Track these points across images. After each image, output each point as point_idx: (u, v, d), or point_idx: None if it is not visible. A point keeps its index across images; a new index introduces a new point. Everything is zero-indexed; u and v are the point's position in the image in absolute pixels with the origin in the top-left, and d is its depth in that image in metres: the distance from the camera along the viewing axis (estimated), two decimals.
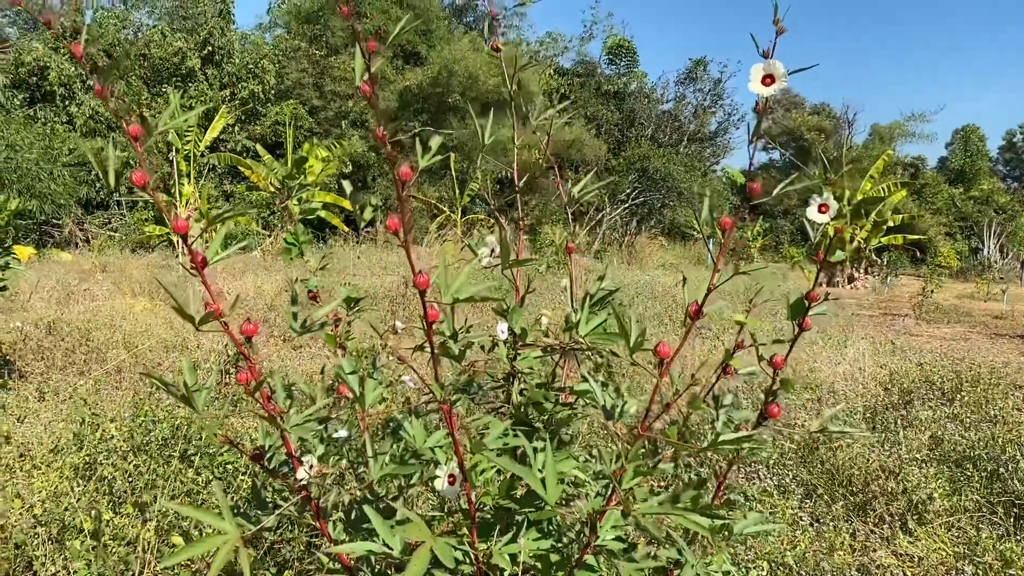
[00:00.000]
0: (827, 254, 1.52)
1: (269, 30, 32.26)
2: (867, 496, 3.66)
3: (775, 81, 1.28)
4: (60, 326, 7.05)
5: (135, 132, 1.47)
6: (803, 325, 1.58)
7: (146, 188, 1.43)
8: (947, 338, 10.49)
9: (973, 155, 41.83)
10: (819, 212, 1.44)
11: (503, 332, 1.73)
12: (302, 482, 1.63)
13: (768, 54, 1.29)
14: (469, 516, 1.52)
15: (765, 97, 1.30)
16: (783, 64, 1.28)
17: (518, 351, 1.79)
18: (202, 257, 1.50)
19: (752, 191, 1.35)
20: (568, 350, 1.66)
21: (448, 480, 1.49)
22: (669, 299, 10.58)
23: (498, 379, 1.84)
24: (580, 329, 1.55)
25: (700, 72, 35.60)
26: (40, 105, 21.91)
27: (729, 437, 1.45)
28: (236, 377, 1.47)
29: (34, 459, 3.65)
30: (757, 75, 1.29)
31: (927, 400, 5.11)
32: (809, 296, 1.54)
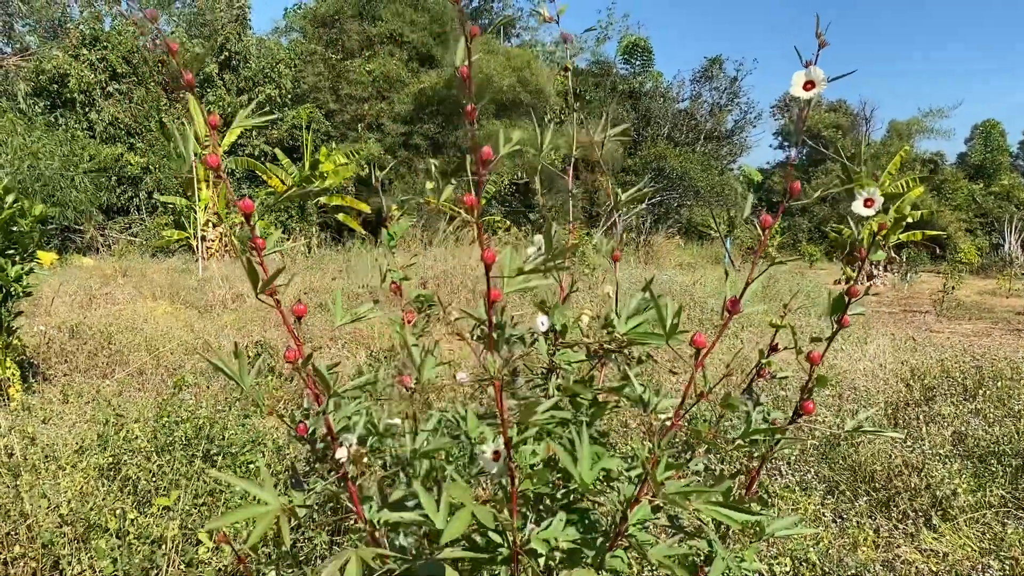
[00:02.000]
0: (869, 251, 1.52)
1: (285, 34, 32.48)
2: (890, 492, 3.63)
3: (815, 86, 1.34)
4: (82, 329, 7.12)
5: (214, 122, 1.57)
6: (842, 322, 1.57)
7: (219, 170, 1.53)
8: (968, 334, 10.39)
9: (994, 150, 41.38)
10: (864, 206, 1.45)
11: (543, 324, 1.75)
12: (341, 461, 1.65)
13: (810, 64, 1.35)
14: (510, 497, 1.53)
15: (806, 101, 1.36)
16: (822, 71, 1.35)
17: (558, 347, 1.81)
18: (262, 241, 1.58)
19: (792, 191, 1.37)
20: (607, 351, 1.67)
21: (492, 455, 1.51)
22: (687, 298, 10.54)
23: (536, 373, 1.86)
24: (619, 327, 1.57)
25: (716, 70, 35.49)
26: (60, 111, 22.16)
27: (761, 428, 1.45)
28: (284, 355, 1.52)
29: (59, 460, 3.69)
30: (799, 81, 1.36)
31: (949, 396, 5.06)
32: (850, 292, 1.54)
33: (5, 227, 5.43)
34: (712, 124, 35.45)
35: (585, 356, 1.81)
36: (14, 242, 5.55)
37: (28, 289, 5.63)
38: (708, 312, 9.18)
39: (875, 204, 1.50)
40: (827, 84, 1.37)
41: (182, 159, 2.95)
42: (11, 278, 5.36)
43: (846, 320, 1.66)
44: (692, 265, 18.98)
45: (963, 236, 33.29)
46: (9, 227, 5.48)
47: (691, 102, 35.97)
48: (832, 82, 1.38)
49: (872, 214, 1.52)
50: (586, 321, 1.89)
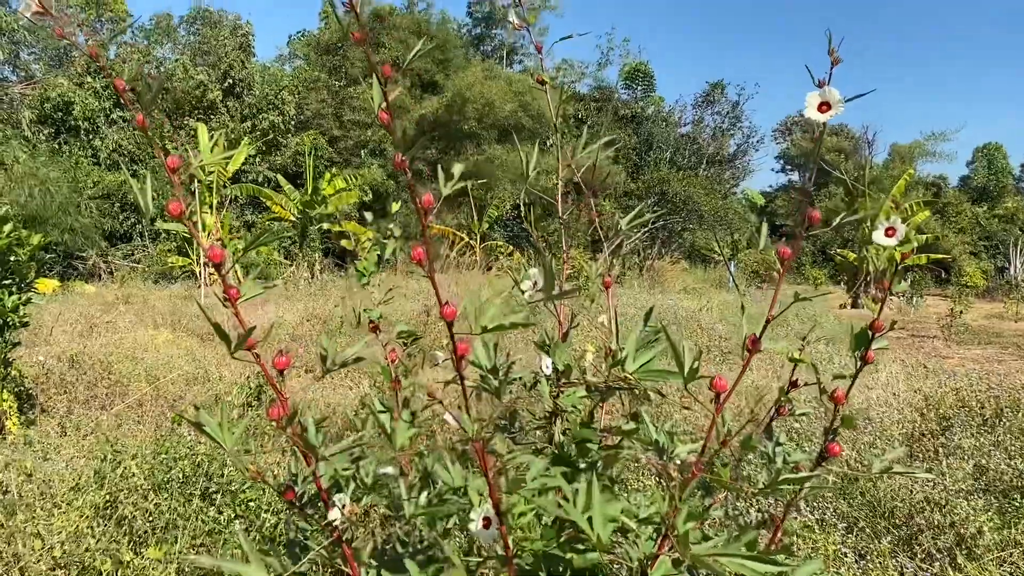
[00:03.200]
0: (892, 283, 1.42)
1: (289, 61, 32.73)
2: (912, 530, 3.51)
3: (831, 108, 1.24)
4: (82, 359, 7.03)
5: (172, 164, 1.49)
6: (866, 358, 1.48)
7: (182, 218, 1.43)
8: (979, 360, 10.26)
9: (997, 173, 41.42)
10: (886, 236, 1.36)
11: (547, 367, 1.65)
12: (334, 522, 1.55)
13: (823, 83, 1.26)
14: (506, 562, 1.42)
15: (822, 124, 1.26)
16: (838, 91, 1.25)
17: (561, 388, 1.70)
18: (235, 291, 1.47)
19: (811, 219, 1.27)
20: (614, 389, 1.57)
21: (482, 523, 1.41)
22: (693, 324, 10.43)
23: (539, 417, 1.75)
24: (628, 366, 1.46)
25: (718, 95, 35.64)
26: (65, 138, 22.25)
27: (791, 477, 1.35)
28: (267, 412, 1.41)
29: (55, 497, 3.59)
30: (813, 102, 1.26)
31: (967, 427, 4.94)
32: (873, 326, 1.44)
33: (2, 257, 5.35)
34: (714, 148, 35.55)
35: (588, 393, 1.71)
36: (11, 272, 5.47)
37: (26, 320, 5.54)
38: (716, 339, 9.08)
39: (897, 233, 1.42)
40: (843, 106, 1.29)
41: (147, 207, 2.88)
42: (8, 308, 5.28)
43: (870, 356, 1.57)
44: (697, 289, 18.89)
45: (968, 259, 33.22)
46: (6, 257, 5.40)
47: (693, 126, 36.11)
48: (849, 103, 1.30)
49: (894, 244, 1.43)
50: (590, 359, 1.80)
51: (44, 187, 17.02)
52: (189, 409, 5.54)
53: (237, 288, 1.42)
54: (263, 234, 19.06)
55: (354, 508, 1.58)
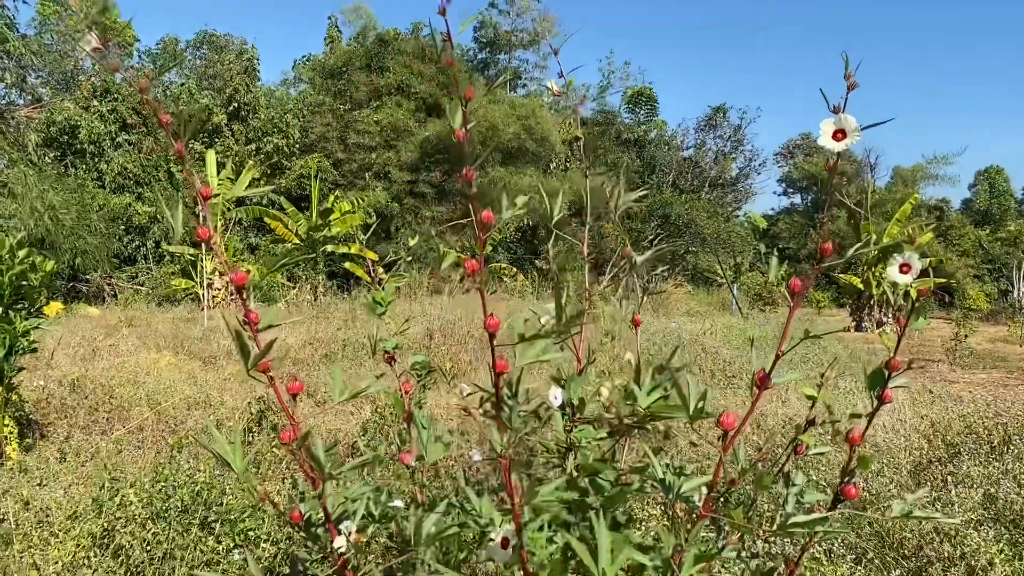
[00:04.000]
0: (908, 320, 1.40)
1: (294, 85, 32.95)
2: (921, 561, 3.45)
3: (846, 136, 1.20)
4: (84, 383, 7.00)
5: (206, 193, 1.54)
6: (883, 398, 1.44)
7: (210, 242, 1.48)
8: (985, 384, 10.19)
9: (999, 196, 41.47)
10: (901, 273, 1.33)
11: (556, 398, 1.62)
12: (340, 550, 1.53)
13: (838, 109, 1.23)
14: None
15: (837, 153, 1.22)
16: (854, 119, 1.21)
17: (575, 423, 1.67)
18: (255, 315, 1.50)
19: (823, 252, 1.25)
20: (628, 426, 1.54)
21: (501, 542, 1.39)
22: (697, 347, 10.38)
23: (553, 452, 1.72)
24: (640, 401, 1.43)
25: (720, 119, 35.79)
26: (71, 161, 22.37)
27: (801, 520, 1.32)
28: (280, 436, 1.41)
29: (52, 526, 3.55)
30: (828, 130, 1.22)
31: (975, 454, 4.89)
32: (890, 365, 1.41)
33: (15, 282, 5.36)
34: (717, 171, 35.65)
35: (606, 433, 1.68)
36: (23, 296, 5.48)
37: (34, 345, 5.53)
38: (720, 363, 9.02)
39: (912, 270, 1.39)
40: (860, 134, 1.25)
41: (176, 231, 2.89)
42: (18, 332, 5.27)
43: (888, 395, 1.54)
44: (700, 313, 18.84)
45: (971, 282, 33.16)
46: (19, 282, 5.41)
47: (696, 150, 36.24)
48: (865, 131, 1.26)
49: (910, 281, 1.40)
50: (605, 395, 1.77)
51: (53, 211, 17.09)
52: (190, 435, 5.50)
53: (257, 313, 1.45)
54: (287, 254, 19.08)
55: (359, 537, 1.55)
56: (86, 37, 1.48)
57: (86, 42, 1.49)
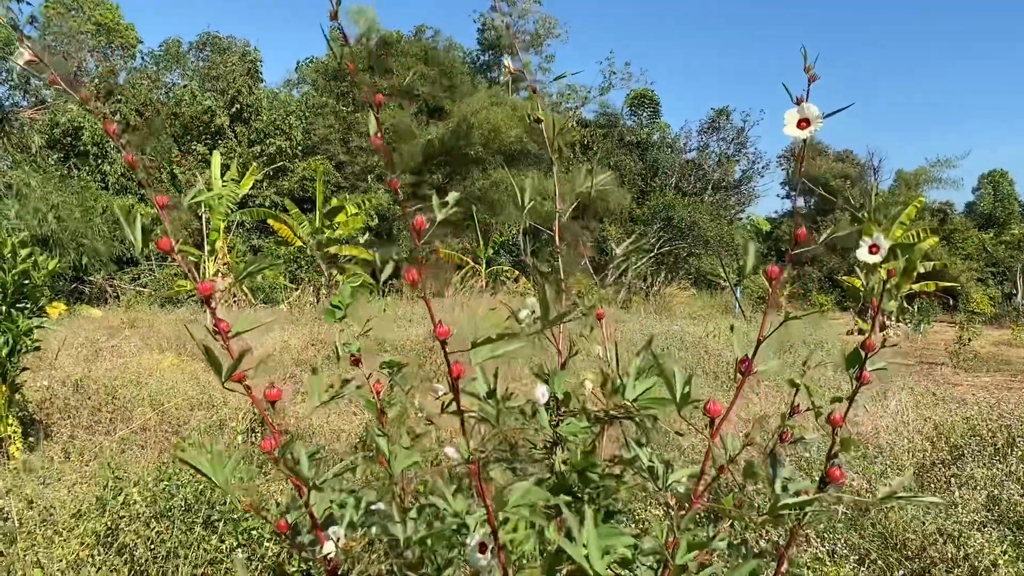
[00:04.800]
0: (881, 301, 1.41)
1: (296, 87, 32.98)
2: (925, 562, 3.45)
3: (811, 124, 1.25)
4: (87, 384, 7.02)
5: (162, 202, 1.48)
6: (862, 378, 1.45)
7: (171, 253, 1.42)
8: (988, 387, 10.17)
9: (1003, 199, 41.40)
10: (870, 253, 1.35)
11: (543, 395, 1.62)
12: (328, 556, 1.53)
13: (801, 100, 1.28)
14: None
15: (803, 140, 1.27)
16: (817, 107, 1.27)
17: (561, 417, 1.68)
18: (226, 324, 1.45)
19: (798, 237, 1.27)
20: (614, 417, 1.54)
21: (479, 548, 1.38)
22: (700, 349, 10.38)
23: (539, 447, 1.72)
24: (627, 394, 1.44)
25: (723, 121, 35.75)
26: (74, 163, 22.41)
27: (790, 502, 1.32)
28: (260, 444, 1.39)
29: (56, 524, 3.56)
30: (792, 119, 1.28)
31: (978, 456, 4.88)
32: (866, 345, 1.42)
33: (17, 280, 5.37)
34: (720, 174, 35.59)
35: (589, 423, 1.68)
36: (26, 295, 5.49)
37: (37, 343, 5.55)
38: (723, 365, 9.02)
39: (880, 250, 1.40)
40: (822, 122, 1.30)
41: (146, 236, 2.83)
42: (21, 331, 5.29)
43: (866, 376, 1.53)
44: (703, 315, 18.82)
45: (975, 286, 33.09)
46: (22, 280, 5.42)
47: (698, 152, 36.18)
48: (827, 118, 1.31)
49: (878, 260, 1.42)
50: (588, 388, 1.77)
51: (56, 212, 17.12)
52: (193, 435, 5.51)
53: (227, 322, 1.40)
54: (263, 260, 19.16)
55: (349, 543, 1.55)
56: (19, 50, 1.44)
57: (19, 55, 1.45)
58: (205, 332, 2.33)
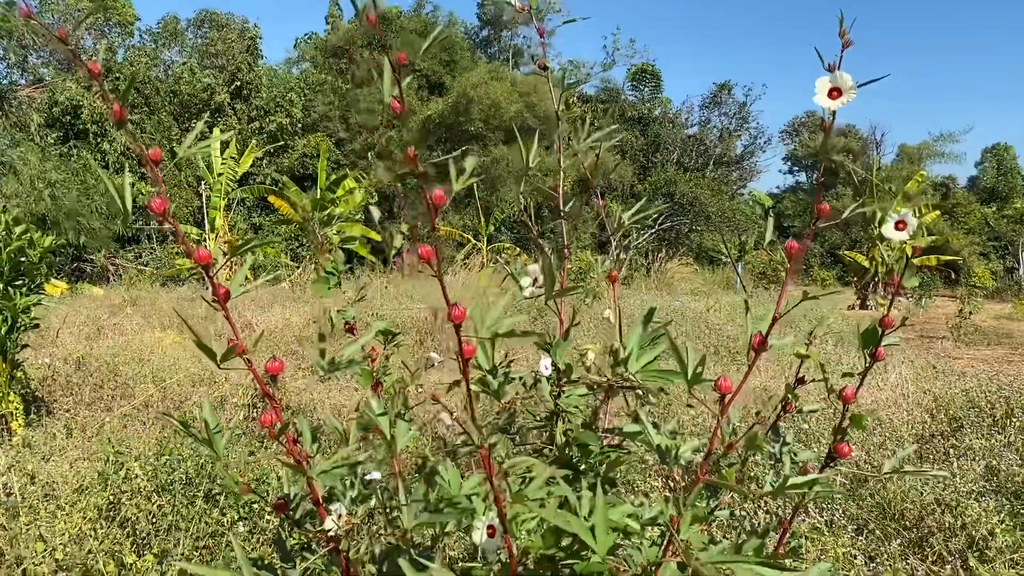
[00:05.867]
0: (902, 277, 1.39)
1: (296, 64, 32.78)
2: (923, 532, 3.46)
3: (842, 94, 1.17)
4: (89, 361, 7.03)
5: (155, 156, 1.45)
6: (876, 355, 1.44)
7: (165, 215, 1.39)
8: (989, 360, 10.18)
9: (1006, 173, 41.20)
10: (896, 230, 1.31)
11: (547, 368, 1.61)
12: (330, 532, 1.53)
13: (834, 68, 1.20)
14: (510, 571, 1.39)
15: (832, 111, 1.20)
16: (850, 77, 1.19)
17: (562, 388, 1.67)
18: (225, 290, 1.43)
19: (820, 212, 1.23)
20: (617, 388, 1.53)
21: (487, 532, 1.37)
22: (702, 325, 10.38)
23: (540, 418, 1.72)
24: (630, 366, 1.43)
25: (725, 96, 35.53)
26: (73, 142, 22.33)
27: (798, 481, 1.32)
28: (260, 419, 1.37)
29: (58, 499, 3.58)
30: (823, 88, 1.19)
31: (977, 427, 4.89)
32: (883, 323, 1.41)
33: (13, 258, 5.37)
34: (721, 149, 35.44)
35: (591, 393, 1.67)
36: (22, 272, 5.49)
37: (35, 320, 5.56)
38: (725, 339, 9.03)
39: (908, 227, 1.37)
40: (856, 92, 1.22)
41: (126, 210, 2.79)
42: (19, 308, 5.29)
43: (880, 353, 1.52)
44: (704, 291, 18.81)
45: (977, 260, 33.04)
46: (18, 258, 5.42)
47: (700, 128, 36.00)
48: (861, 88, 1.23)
49: (905, 238, 1.39)
50: (591, 358, 1.76)
51: (53, 191, 17.09)
52: (194, 411, 5.52)
53: (226, 288, 1.37)
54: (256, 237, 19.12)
55: (351, 519, 1.55)
56: None
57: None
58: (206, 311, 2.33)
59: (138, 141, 1.42)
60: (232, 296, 1.47)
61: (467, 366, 1.26)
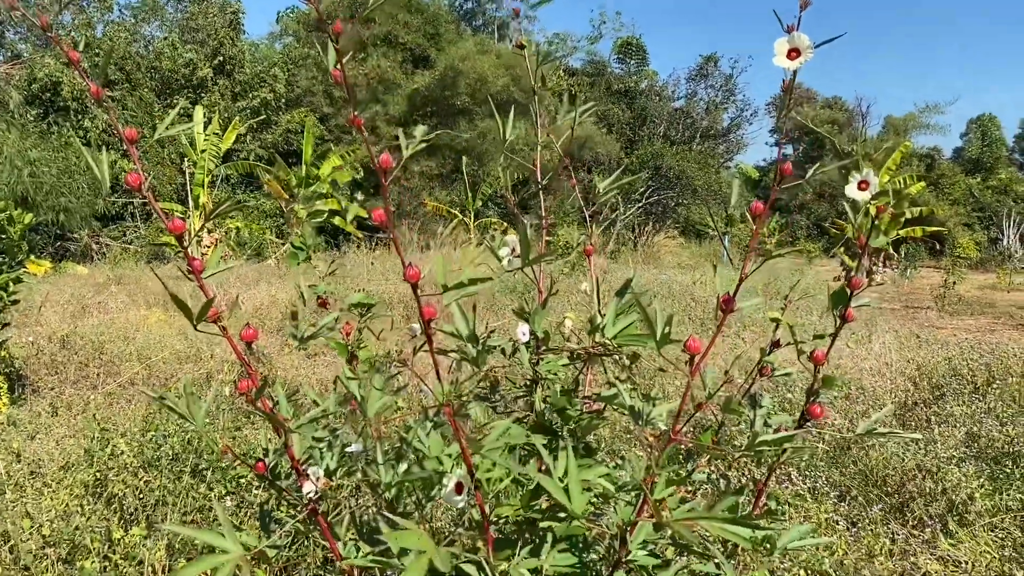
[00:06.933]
0: (869, 238, 1.40)
1: (279, 39, 32.37)
2: (904, 497, 3.51)
3: (800, 54, 1.20)
4: (74, 340, 7.00)
5: (131, 136, 1.46)
6: (846, 316, 1.45)
7: (141, 189, 1.40)
8: (972, 330, 10.28)
9: (991, 144, 41.34)
10: (859, 189, 1.33)
11: (524, 334, 1.62)
12: (309, 495, 1.55)
13: (792, 29, 1.22)
14: (483, 530, 1.41)
15: (792, 71, 1.22)
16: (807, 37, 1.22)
17: (541, 356, 1.68)
18: (199, 262, 1.44)
19: (783, 171, 1.24)
20: (593, 355, 1.54)
21: (455, 488, 1.39)
22: (687, 298, 10.43)
23: (520, 385, 1.73)
24: (606, 332, 1.43)
25: (711, 68, 35.40)
26: (53, 119, 22.02)
27: (768, 438, 1.33)
28: (237, 385, 1.38)
29: (44, 476, 3.57)
30: (782, 49, 1.22)
31: (959, 395, 4.95)
32: (852, 283, 1.42)
33: None
34: (708, 122, 35.36)
35: (569, 361, 1.69)
36: (2, 251, 5.44)
37: (15, 298, 5.52)
38: (710, 311, 9.06)
39: (870, 187, 1.38)
40: (813, 51, 1.24)
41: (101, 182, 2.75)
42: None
43: (850, 314, 1.53)
44: (691, 264, 18.87)
45: (961, 231, 33.23)
46: None
47: (687, 100, 35.90)
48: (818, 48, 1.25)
49: (867, 198, 1.40)
50: (569, 326, 1.77)
51: (34, 168, 16.87)
52: (179, 387, 5.52)
53: (200, 261, 1.39)
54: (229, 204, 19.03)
55: (328, 482, 1.56)
56: None
57: None
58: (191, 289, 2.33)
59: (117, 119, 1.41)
60: (210, 270, 1.48)
61: (428, 326, 1.29)
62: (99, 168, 1.39)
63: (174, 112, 1.66)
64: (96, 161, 1.41)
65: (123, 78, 23.52)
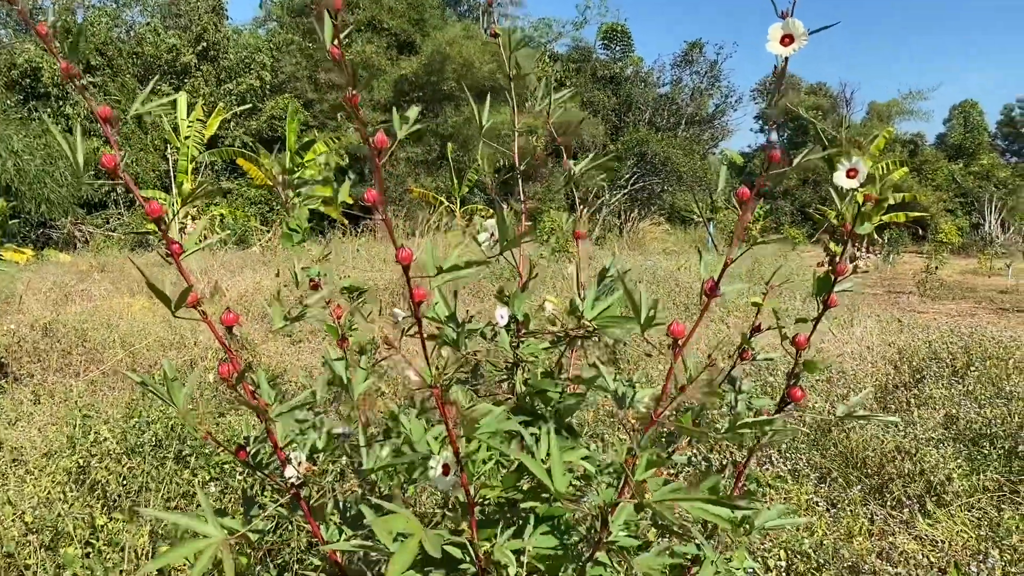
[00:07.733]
0: (854, 225, 1.41)
1: (263, 24, 32.09)
2: (883, 478, 3.56)
3: (794, 40, 1.19)
4: (56, 327, 6.95)
5: (104, 114, 1.43)
6: (829, 302, 1.47)
7: (116, 171, 1.38)
8: (953, 314, 10.38)
9: (973, 130, 41.59)
10: (847, 177, 1.33)
11: (502, 317, 1.63)
12: (291, 480, 1.55)
13: (786, 14, 1.21)
14: (467, 510, 1.42)
15: (785, 57, 1.21)
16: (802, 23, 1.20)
17: (521, 339, 1.69)
18: (178, 245, 1.43)
19: (771, 158, 1.24)
20: (574, 337, 1.55)
21: (442, 470, 1.40)
22: (672, 283, 10.47)
23: (501, 368, 1.74)
24: (586, 314, 1.44)
25: (696, 55, 35.36)
26: (34, 104, 21.76)
27: (749, 421, 1.35)
28: (218, 370, 1.39)
29: (27, 464, 3.56)
30: (776, 35, 1.21)
31: (938, 378, 5.01)
32: (837, 270, 1.43)
33: None
34: (693, 108, 35.34)
35: (551, 344, 1.70)
36: None
37: None
38: (694, 297, 9.11)
39: (859, 175, 1.39)
40: (807, 39, 1.24)
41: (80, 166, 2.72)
42: None
43: (833, 300, 1.55)
44: (676, 251, 18.93)
45: (944, 216, 33.47)
46: None
47: (672, 87, 35.85)
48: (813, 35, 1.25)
49: (856, 186, 1.41)
50: (550, 309, 1.78)
51: (16, 156, 16.67)
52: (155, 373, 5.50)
53: (179, 243, 1.38)
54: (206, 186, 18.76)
55: (311, 467, 1.57)
56: None
57: None
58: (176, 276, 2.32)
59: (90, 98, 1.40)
60: (190, 248, 1.47)
61: (418, 308, 1.29)
62: (73, 153, 1.38)
63: (147, 89, 1.65)
64: (71, 145, 1.40)
65: (104, 63, 23.26)
